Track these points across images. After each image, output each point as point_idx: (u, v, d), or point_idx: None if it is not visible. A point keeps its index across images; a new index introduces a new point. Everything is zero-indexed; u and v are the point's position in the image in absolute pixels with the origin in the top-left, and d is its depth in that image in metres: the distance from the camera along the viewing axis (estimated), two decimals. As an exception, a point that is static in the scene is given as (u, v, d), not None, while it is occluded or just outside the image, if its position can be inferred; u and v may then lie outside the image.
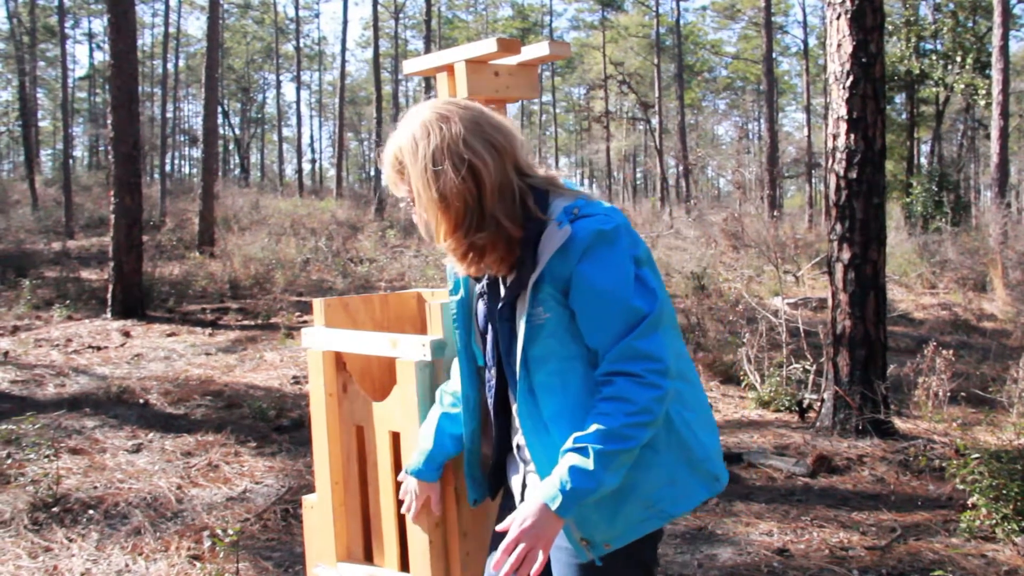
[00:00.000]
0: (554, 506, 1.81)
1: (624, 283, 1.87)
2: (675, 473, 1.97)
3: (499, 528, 1.88)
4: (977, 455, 4.90)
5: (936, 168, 25.86)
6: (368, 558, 2.69)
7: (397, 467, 2.53)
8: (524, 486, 2.09)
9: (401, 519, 2.56)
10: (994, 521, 4.68)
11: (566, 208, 1.92)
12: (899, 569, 4.32)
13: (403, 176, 1.95)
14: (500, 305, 1.97)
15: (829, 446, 6.36)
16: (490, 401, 2.11)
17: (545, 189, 1.97)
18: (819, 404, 7.19)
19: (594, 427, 1.82)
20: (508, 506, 2.19)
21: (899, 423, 6.95)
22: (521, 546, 1.81)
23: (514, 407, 2.06)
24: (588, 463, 1.81)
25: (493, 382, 2.09)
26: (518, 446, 2.08)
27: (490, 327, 2.06)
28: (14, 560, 4.26)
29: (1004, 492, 4.70)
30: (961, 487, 5.01)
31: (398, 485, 2.48)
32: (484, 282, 2.05)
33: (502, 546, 1.83)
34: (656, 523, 1.95)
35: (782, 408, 7.59)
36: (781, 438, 6.71)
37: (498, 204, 1.89)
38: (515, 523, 1.83)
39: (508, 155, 1.93)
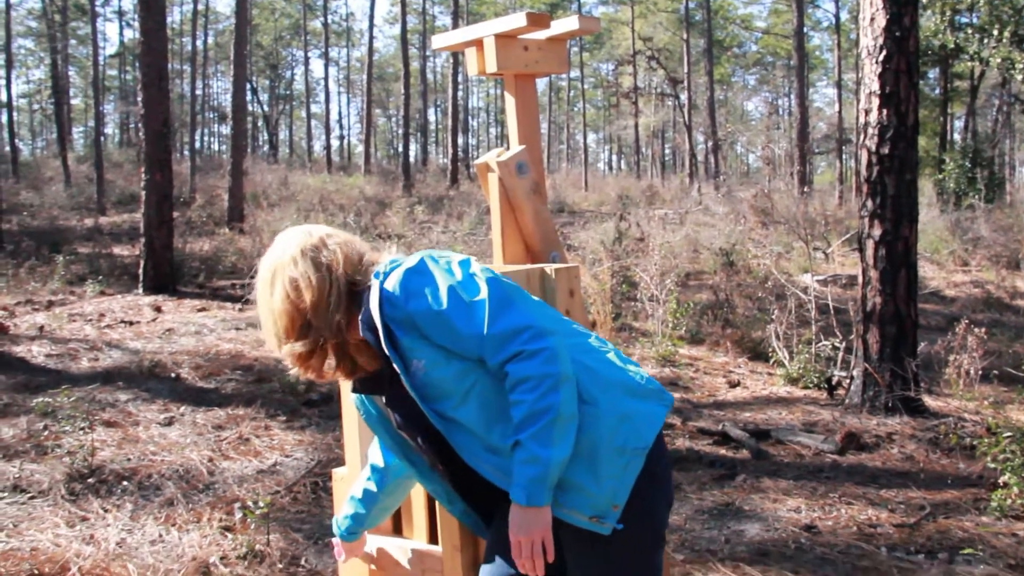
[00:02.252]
0: (526, 501, 1.90)
1: (452, 294, 1.96)
2: (623, 410, 2.02)
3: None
4: (1009, 433, 4.85)
5: (970, 144, 25.45)
6: (397, 531, 2.71)
7: None
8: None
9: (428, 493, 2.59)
10: (1025, 500, 4.65)
11: (375, 275, 2.05)
12: (928, 547, 4.30)
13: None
14: (396, 397, 2.09)
15: (858, 423, 6.32)
16: (438, 462, 2.18)
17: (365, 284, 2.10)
18: (848, 381, 7.15)
19: (514, 418, 1.91)
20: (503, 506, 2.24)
21: (929, 401, 6.90)
22: (524, 545, 1.92)
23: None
24: (527, 452, 1.89)
25: (434, 450, 2.15)
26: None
27: (414, 423, 2.14)
28: (53, 528, 4.34)
29: (1036, 471, 4.67)
30: (992, 465, 4.98)
31: None
32: (388, 395, 2.15)
33: (513, 555, 1.95)
34: (639, 460, 1.99)
35: (811, 385, 7.55)
36: (809, 415, 6.68)
37: (320, 318, 2.07)
38: (511, 534, 1.94)
39: (335, 270, 2.10)
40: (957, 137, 31.31)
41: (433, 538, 2.59)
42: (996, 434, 4.96)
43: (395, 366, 1.99)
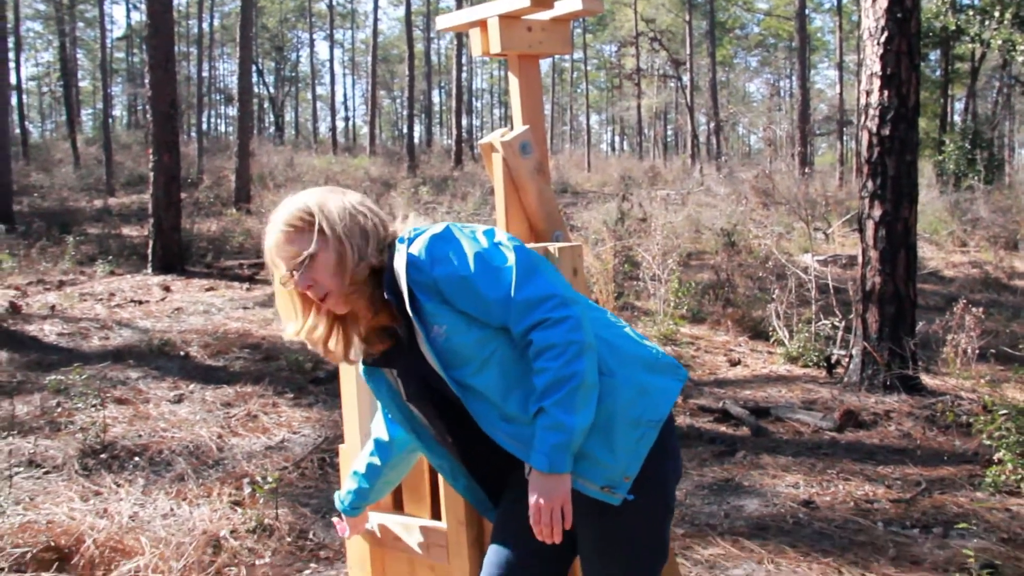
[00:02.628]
0: (549, 468, 1.89)
1: (479, 260, 1.96)
2: (641, 383, 2.03)
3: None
4: (1005, 411, 4.87)
5: (970, 126, 25.32)
6: (398, 507, 2.73)
7: None
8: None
9: (432, 469, 2.59)
10: (1019, 476, 4.68)
11: (399, 239, 2.03)
12: (923, 522, 4.33)
13: None
14: (414, 360, 2.05)
15: (856, 401, 6.34)
16: (447, 435, 2.17)
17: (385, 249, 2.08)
18: (847, 360, 7.16)
19: (538, 386, 1.90)
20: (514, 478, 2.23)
21: (927, 379, 6.91)
22: (543, 512, 1.90)
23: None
24: (551, 418, 1.88)
25: (443, 423, 2.15)
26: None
27: (424, 394, 2.13)
28: (67, 503, 4.38)
29: (1030, 448, 4.69)
30: (987, 443, 5.00)
31: None
32: (399, 365, 2.14)
33: (532, 522, 1.92)
34: (653, 433, 2.00)
35: (810, 363, 7.57)
36: (809, 393, 6.70)
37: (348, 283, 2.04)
38: (531, 500, 1.92)
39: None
40: (957, 119, 31.12)
41: (436, 514, 2.60)
42: (992, 412, 4.98)
43: (417, 330, 1.97)
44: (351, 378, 2.69)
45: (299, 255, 1.99)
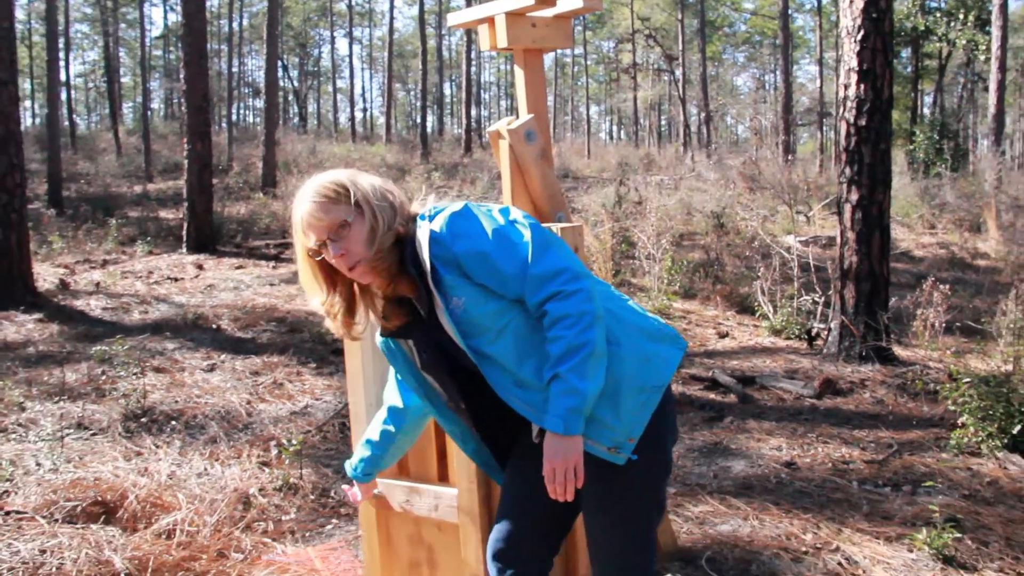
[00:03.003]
0: (563, 430, 1.86)
1: (500, 235, 1.92)
2: (645, 351, 2.01)
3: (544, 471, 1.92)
4: (968, 379, 4.85)
5: (938, 118, 25.11)
6: (404, 473, 2.69)
7: None
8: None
9: (440, 434, 2.57)
10: (980, 439, 4.67)
11: (420, 216, 1.99)
12: (894, 481, 4.32)
13: None
14: (430, 329, 2.01)
15: (835, 371, 6.32)
16: (460, 401, 2.13)
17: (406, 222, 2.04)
18: (826, 333, 7.14)
19: (553, 353, 1.87)
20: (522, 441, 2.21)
21: (899, 351, 6.89)
22: (557, 472, 1.88)
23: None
24: (565, 384, 1.86)
25: (457, 390, 2.11)
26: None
27: (441, 363, 2.09)
28: (112, 462, 4.39)
29: (990, 413, 4.68)
30: (952, 408, 4.98)
31: None
32: (416, 336, 2.09)
33: (547, 480, 1.90)
34: (656, 398, 1.99)
35: (792, 336, 7.54)
36: (791, 363, 6.69)
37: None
38: (546, 461, 1.89)
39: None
40: (927, 112, 30.91)
41: (442, 477, 2.58)
42: (957, 380, 4.96)
43: (437, 302, 1.94)
44: (356, 353, 2.66)
45: (333, 224, 1.94)
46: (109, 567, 2.82)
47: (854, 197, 6.64)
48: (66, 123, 30.08)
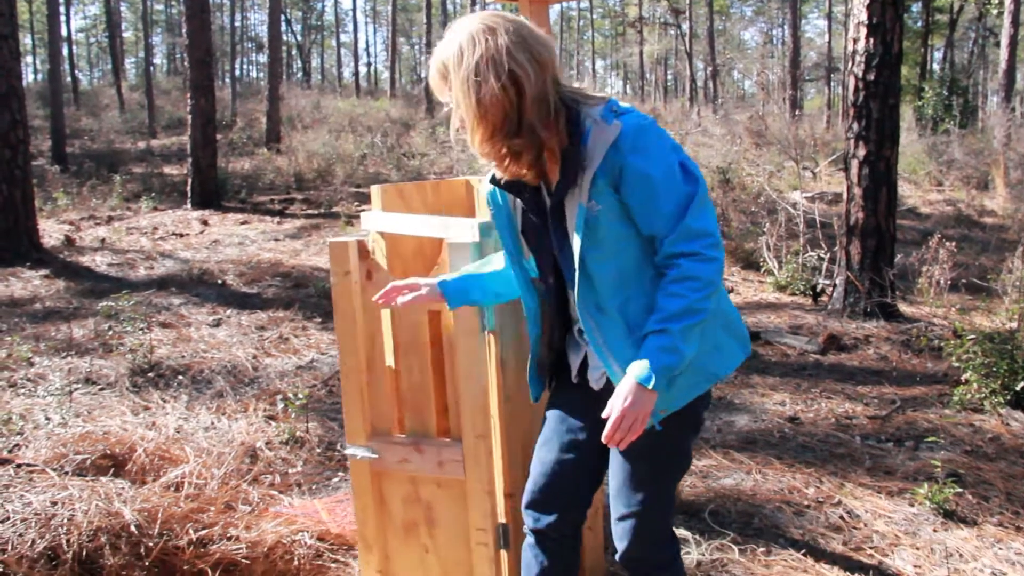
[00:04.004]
0: (649, 384, 1.83)
1: (671, 170, 1.86)
2: (719, 340, 2.01)
3: (604, 414, 1.88)
4: (972, 336, 4.85)
5: (947, 74, 24.81)
6: (401, 431, 2.63)
7: (436, 343, 2.50)
8: (584, 364, 2.10)
9: (440, 390, 2.54)
10: (983, 395, 4.67)
11: (606, 108, 1.87)
12: (897, 436, 4.33)
13: (447, 83, 1.89)
14: (551, 206, 1.94)
15: (839, 327, 6.32)
16: (549, 304, 2.09)
17: (575, 99, 1.92)
18: (831, 289, 7.12)
19: (669, 308, 1.83)
20: (564, 381, 2.20)
21: (903, 307, 6.87)
22: (626, 420, 1.84)
23: (572, 297, 2.04)
24: (671, 341, 1.82)
25: (552, 284, 2.06)
26: (579, 331, 2.08)
27: (542, 234, 2.02)
28: (120, 416, 4.42)
29: (994, 369, 4.68)
30: (956, 365, 4.99)
31: (437, 360, 2.49)
32: (526, 196, 2.00)
33: (610, 423, 1.85)
34: (705, 385, 1.98)
35: (797, 292, 7.52)
36: (795, 319, 6.68)
37: (536, 113, 1.84)
38: (617, 403, 1.85)
39: (548, 69, 1.87)
40: (936, 67, 30.51)
41: (443, 433, 2.56)
42: (961, 337, 4.95)
43: (580, 192, 1.87)
44: (346, 312, 2.55)
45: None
46: (119, 518, 2.85)
47: (861, 153, 6.58)
48: (68, 79, 29.82)
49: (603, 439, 1.87)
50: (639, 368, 1.84)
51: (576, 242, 1.89)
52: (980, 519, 3.40)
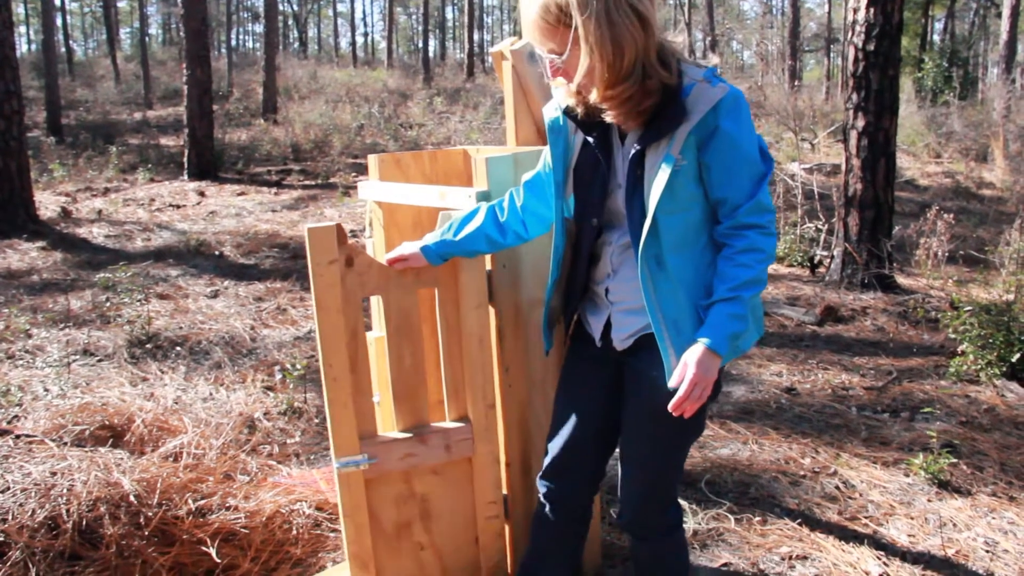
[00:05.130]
0: (722, 350, 1.85)
1: (754, 143, 1.90)
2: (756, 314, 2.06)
3: (672, 383, 1.88)
4: (969, 308, 4.85)
5: (948, 45, 24.64)
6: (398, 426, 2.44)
7: (432, 319, 2.45)
8: (608, 325, 2.09)
9: (435, 373, 2.50)
10: (979, 367, 4.68)
11: (709, 71, 1.88)
12: (893, 407, 4.34)
13: (558, 28, 1.82)
14: (633, 155, 1.91)
15: (836, 298, 6.32)
16: (580, 251, 2.08)
17: (676, 55, 1.91)
18: (829, 260, 7.11)
19: (740, 276, 1.87)
20: (579, 349, 2.20)
21: (901, 279, 6.87)
22: (698, 387, 1.85)
23: (607, 252, 2.04)
24: (742, 309, 1.87)
25: (592, 228, 2.04)
26: (607, 289, 2.07)
27: (595, 175, 2.00)
28: (119, 387, 4.42)
29: (990, 341, 4.69)
30: (953, 336, 4.99)
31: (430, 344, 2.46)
32: (595, 135, 1.98)
33: (683, 390, 1.84)
34: (732, 356, 1.99)
35: (795, 263, 7.52)
36: (793, 290, 6.67)
37: (655, 57, 1.84)
38: (690, 370, 1.85)
39: (655, 13, 1.87)
40: (936, 38, 30.30)
41: (437, 419, 2.52)
42: (958, 309, 4.95)
43: (674, 142, 1.85)
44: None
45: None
46: (118, 488, 2.85)
47: (860, 124, 6.54)
48: (63, 49, 29.57)
49: (671, 407, 1.87)
50: (711, 334, 1.86)
51: (657, 191, 1.87)
52: (974, 489, 3.42)
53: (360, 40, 55.10)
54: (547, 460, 2.24)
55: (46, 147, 14.52)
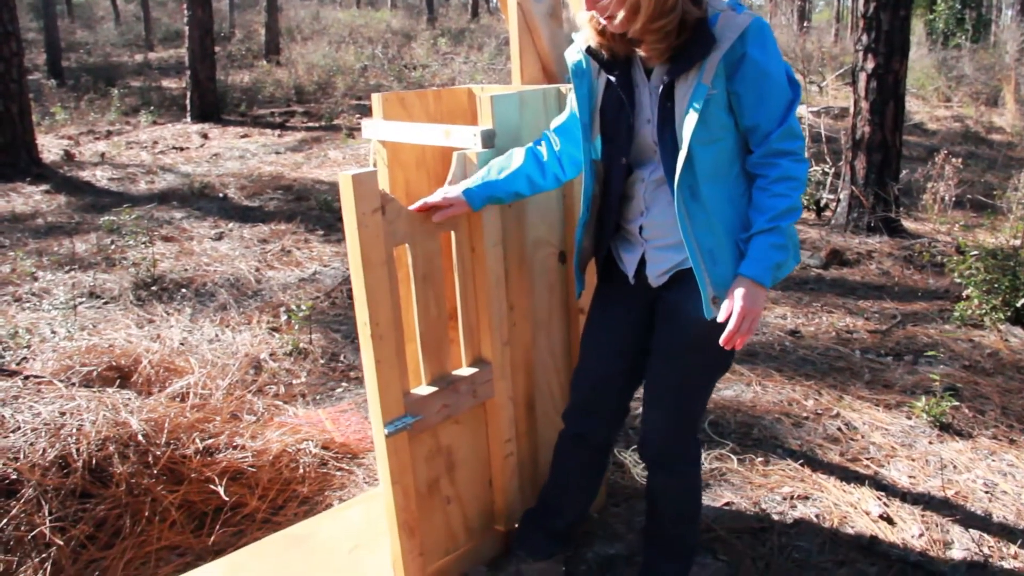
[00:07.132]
0: (766, 281, 1.87)
1: (782, 70, 1.89)
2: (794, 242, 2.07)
3: (720, 317, 1.87)
4: (975, 252, 4.81)
5: (961, -15, 24.11)
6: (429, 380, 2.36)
7: (448, 265, 2.39)
8: (643, 262, 2.08)
9: (453, 319, 2.49)
10: (984, 311, 4.66)
11: (732, 0, 1.88)
12: (896, 350, 4.34)
13: None
14: (663, 87, 1.89)
15: (842, 241, 6.28)
16: (610, 191, 2.07)
17: None
18: (835, 204, 7.06)
19: (777, 206, 1.88)
20: (607, 288, 2.20)
21: (907, 223, 6.82)
22: (747, 319, 1.86)
23: (640, 188, 2.03)
24: (783, 239, 1.88)
25: (622, 168, 2.03)
26: (640, 227, 2.06)
27: (620, 113, 1.98)
28: (125, 329, 4.43)
29: (995, 286, 4.66)
30: (958, 280, 4.96)
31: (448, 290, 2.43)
32: (617, 72, 1.96)
33: (732, 323, 1.85)
34: (773, 284, 1.97)
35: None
36: (799, 233, 6.61)
37: None
38: (738, 303, 1.86)
39: None
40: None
41: (458, 363, 2.48)
42: (964, 253, 4.92)
43: (704, 72, 1.84)
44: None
45: None
46: (126, 428, 2.87)
47: (870, 65, 6.42)
48: (61, -11, 29.07)
49: (721, 341, 1.87)
50: (755, 266, 1.87)
51: (691, 121, 1.85)
52: (975, 432, 3.43)
53: (363, -20, 54.02)
54: (573, 397, 2.27)
55: (47, 90, 14.36)
